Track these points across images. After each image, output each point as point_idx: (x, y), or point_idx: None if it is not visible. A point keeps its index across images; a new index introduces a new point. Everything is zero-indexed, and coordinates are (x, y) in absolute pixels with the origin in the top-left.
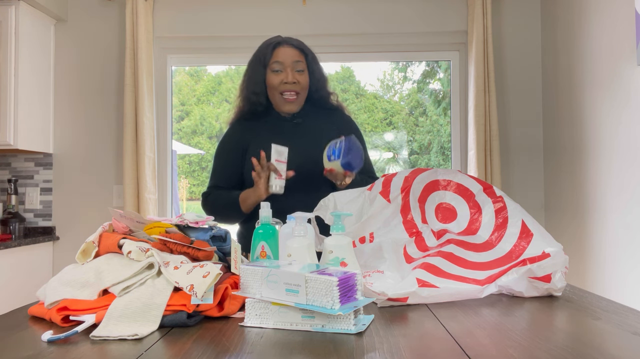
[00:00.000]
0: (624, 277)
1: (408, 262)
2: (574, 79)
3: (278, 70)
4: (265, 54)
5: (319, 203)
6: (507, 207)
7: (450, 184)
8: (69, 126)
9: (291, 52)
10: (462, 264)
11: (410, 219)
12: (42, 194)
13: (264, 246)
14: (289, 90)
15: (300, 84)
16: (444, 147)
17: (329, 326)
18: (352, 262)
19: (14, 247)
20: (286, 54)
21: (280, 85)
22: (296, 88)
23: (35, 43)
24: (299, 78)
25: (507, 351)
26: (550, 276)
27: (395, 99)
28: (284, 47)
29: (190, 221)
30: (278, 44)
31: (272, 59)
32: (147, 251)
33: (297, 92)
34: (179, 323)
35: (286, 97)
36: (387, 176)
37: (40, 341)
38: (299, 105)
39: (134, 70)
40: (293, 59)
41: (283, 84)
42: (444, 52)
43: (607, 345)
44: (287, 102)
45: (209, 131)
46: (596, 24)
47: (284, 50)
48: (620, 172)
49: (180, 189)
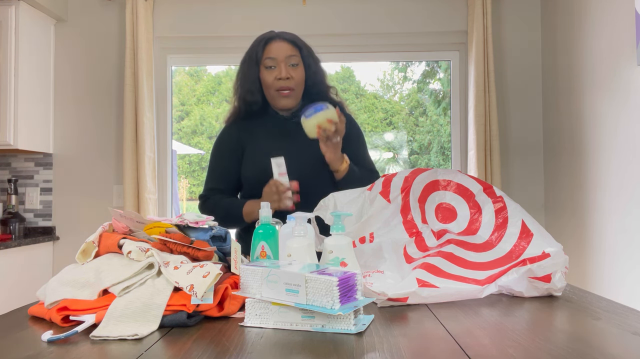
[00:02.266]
0: (623, 277)
1: (408, 262)
2: (574, 79)
3: (271, 67)
4: (258, 51)
5: (319, 203)
6: (507, 208)
7: (450, 184)
8: (69, 126)
9: (284, 47)
10: (462, 264)
11: (410, 219)
12: (42, 194)
13: (264, 246)
14: (283, 86)
15: (295, 79)
16: (444, 147)
17: (329, 326)
18: (352, 262)
19: (14, 247)
20: (279, 49)
21: (274, 82)
22: (290, 84)
23: (35, 43)
24: (293, 73)
25: (507, 351)
26: (550, 276)
27: (395, 99)
28: (276, 42)
29: (190, 221)
30: (270, 39)
31: (265, 56)
32: (147, 251)
33: (291, 88)
34: (179, 323)
35: (281, 92)
36: (387, 176)
37: (40, 341)
38: (296, 99)
39: (134, 70)
40: (286, 54)
41: (277, 81)
42: (444, 52)
43: (607, 345)
44: (282, 96)
45: (209, 131)
46: (596, 24)
47: (276, 46)
48: (620, 172)
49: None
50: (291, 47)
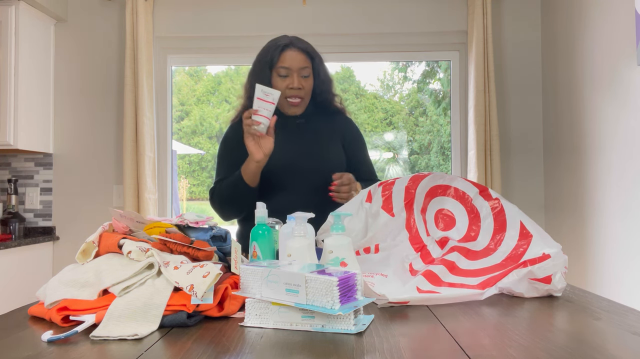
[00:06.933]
0: (624, 277)
1: (412, 274)
2: (574, 79)
3: (285, 76)
4: (273, 57)
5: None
6: (504, 210)
7: (448, 189)
8: (69, 126)
9: (298, 57)
10: (463, 273)
11: (416, 234)
12: (42, 194)
13: (255, 246)
14: (294, 95)
15: (305, 89)
16: (444, 147)
17: (329, 326)
18: (352, 262)
19: (14, 247)
20: (293, 59)
21: (285, 91)
22: (300, 94)
23: (35, 43)
24: (304, 84)
25: (507, 351)
26: (550, 277)
27: (395, 99)
28: (292, 51)
29: (190, 221)
30: (286, 47)
31: (279, 64)
32: (147, 251)
33: (301, 97)
34: (179, 323)
35: (290, 101)
36: (384, 185)
37: (40, 341)
38: (303, 108)
39: (134, 71)
40: (300, 65)
41: (288, 90)
42: (444, 52)
43: (607, 345)
44: (292, 105)
45: (209, 131)
46: (596, 24)
47: (291, 55)
48: (620, 171)
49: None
50: (305, 58)
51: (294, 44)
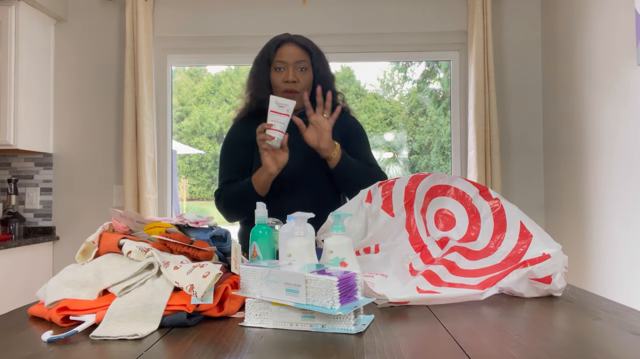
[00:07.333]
0: (623, 277)
1: (412, 275)
2: (574, 79)
3: (280, 69)
4: (270, 52)
5: (321, 227)
6: (504, 210)
7: (449, 189)
8: (69, 126)
9: (294, 52)
10: (463, 273)
11: (416, 234)
12: (42, 194)
13: (255, 246)
14: (289, 89)
15: (301, 82)
16: (444, 147)
17: (329, 326)
18: (352, 262)
19: (14, 247)
20: (289, 53)
21: (281, 84)
22: (296, 87)
23: (35, 43)
24: (300, 77)
25: (507, 351)
26: (550, 277)
27: (395, 99)
28: (288, 46)
29: (190, 221)
30: (283, 42)
31: (276, 58)
32: (147, 251)
33: (296, 91)
34: (179, 323)
35: (286, 95)
36: (384, 185)
37: (40, 341)
38: (300, 103)
39: (134, 71)
40: (295, 59)
41: (284, 83)
42: (444, 52)
43: (607, 345)
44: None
45: (209, 131)
46: (596, 24)
47: (287, 49)
48: (620, 172)
49: (180, 189)
50: (302, 52)
51: (292, 39)
